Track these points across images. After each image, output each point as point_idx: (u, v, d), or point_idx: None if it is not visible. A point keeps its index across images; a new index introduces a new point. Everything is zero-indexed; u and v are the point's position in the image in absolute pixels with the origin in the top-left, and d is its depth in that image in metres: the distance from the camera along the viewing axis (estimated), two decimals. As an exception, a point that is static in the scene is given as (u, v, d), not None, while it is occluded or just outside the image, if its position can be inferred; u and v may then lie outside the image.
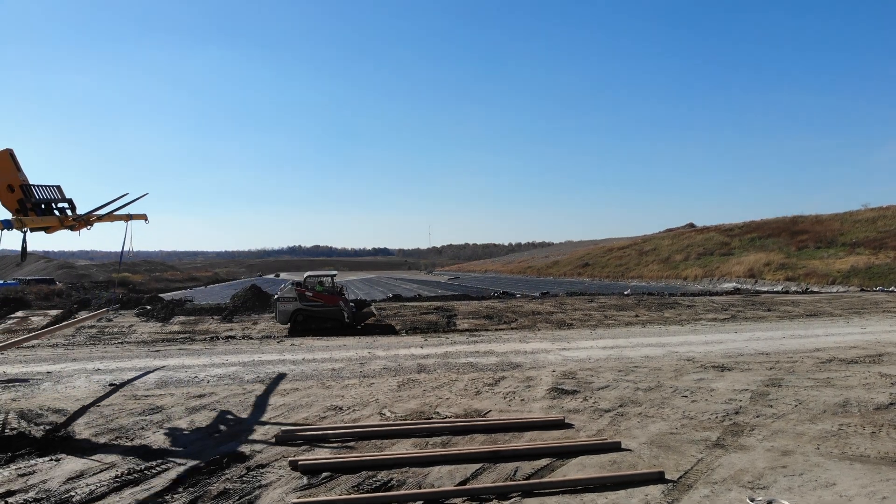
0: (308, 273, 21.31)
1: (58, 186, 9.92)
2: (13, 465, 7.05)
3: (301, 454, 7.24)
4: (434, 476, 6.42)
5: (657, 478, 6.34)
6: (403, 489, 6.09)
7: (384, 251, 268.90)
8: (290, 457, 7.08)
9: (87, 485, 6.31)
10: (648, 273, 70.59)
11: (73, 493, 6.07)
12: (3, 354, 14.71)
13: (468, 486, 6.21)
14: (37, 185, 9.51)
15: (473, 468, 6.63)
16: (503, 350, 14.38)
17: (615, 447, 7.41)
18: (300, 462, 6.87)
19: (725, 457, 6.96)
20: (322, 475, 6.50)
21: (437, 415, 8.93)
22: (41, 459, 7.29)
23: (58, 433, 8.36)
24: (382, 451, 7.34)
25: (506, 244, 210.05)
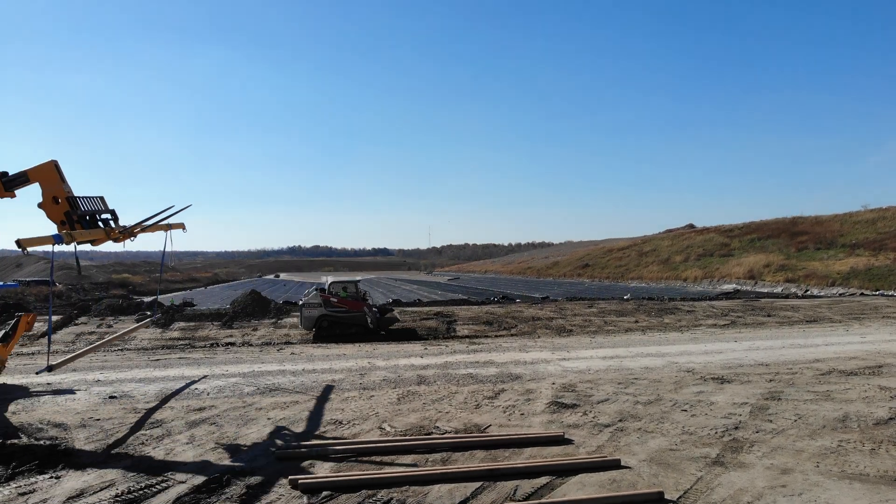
0: (332, 279, 21.49)
1: (101, 197, 9.90)
2: (13, 483, 7.06)
3: (301, 472, 7.25)
4: (434, 495, 6.44)
5: (657, 498, 6.36)
6: (403, 511, 6.10)
7: (384, 251, 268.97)
8: (291, 474, 7.09)
9: (88, 505, 6.33)
10: (648, 274, 70.63)
11: (74, 515, 6.09)
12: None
13: (468, 508, 6.23)
14: (81, 197, 9.48)
15: (473, 487, 6.64)
16: (503, 360, 14.40)
17: (615, 465, 7.42)
18: (300, 481, 6.88)
19: (725, 475, 6.97)
20: (322, 494, 6.51)
21: (437, 429, 8.94)
22: (41, 477, 7.30)
23: (58, 448, 8.37)
24: (382, 469, 7.36)
25: (505, 244, 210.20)
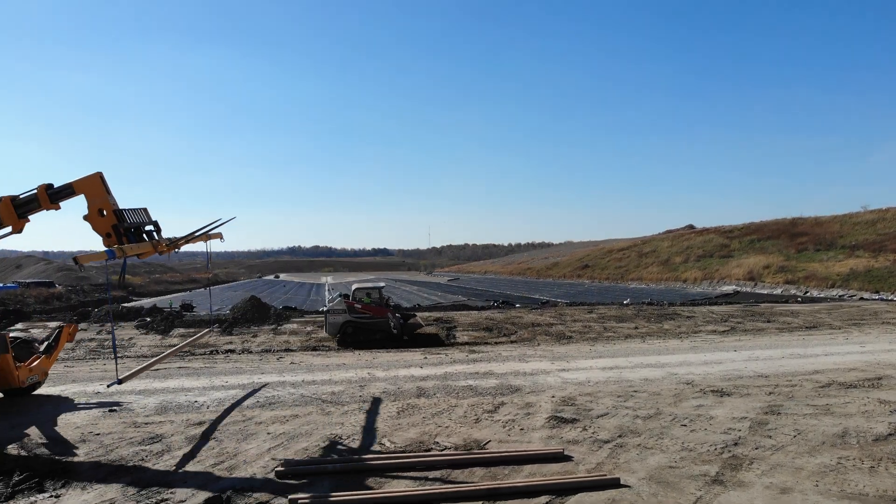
0: (356, 285, 21.62)
1: (144, 209, 9.91)
2: (13, 503, 7.07)
3: (301, 490, 7.26)
4: (434, 518, 6.44)
5: (656, 521, 6.37)
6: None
7: (384, 251, 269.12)
8: (291, 493, 7.11)
9: (88, 530, 6.33)
10: (648, 275, 70.63)
11: (74, 541, 6.08)
12: None
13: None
14: (126, 210, 9.48)
15: (473, 508, 6.65)
16: (502, 371, 14.40)
17: (614, 483, 7.43)
18: (299, 500, 6.90)
19: (724, 495, 6.98)
20: (322, 516, 6.52)
21: (437, 445, 8.94)
22: (41, 496, 7.32)
23: (58, 465, 8.38)
24: (383, 488, 7.36)
25: (505, 245, 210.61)
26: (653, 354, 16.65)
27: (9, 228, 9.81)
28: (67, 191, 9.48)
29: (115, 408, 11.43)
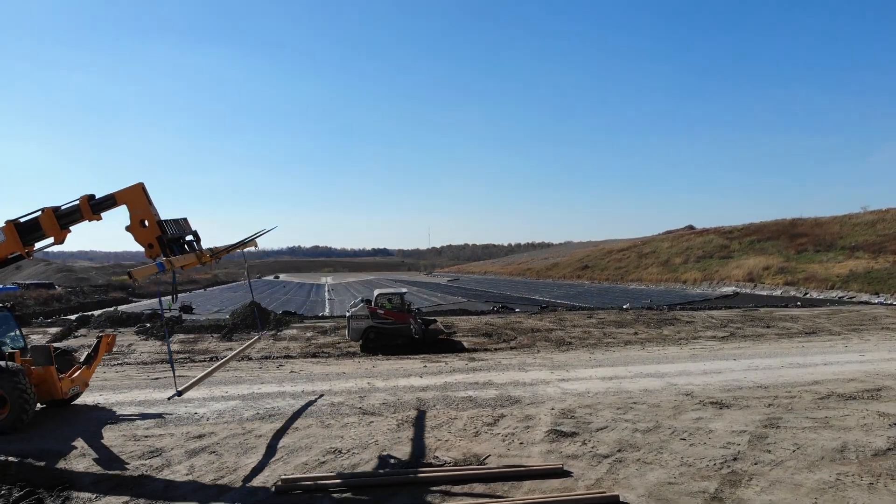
0: (378, 291, 21.80)
1: (185, 219, 9.94)
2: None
3: (300, 510, 7.27)
4: (433, 538, 6.44)
5: (655, 542, 6.38)
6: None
7: (384, 251, 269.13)
8: (290, 512, 7.12)
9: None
10: (648, 276, 70.63)
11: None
12: None
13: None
14: (167, 221, 9.50)
15: (472, 527, 6.65)
16: (502, 381, 14.39)
17: (613, 501, 7.44)
18: (299, 520, 6.91)
19: (723, 513, 6.98)
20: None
21: (437, 459, 8.95)
22: (41, 515, 7.32)
23: (58, 482, 8.37)
24: (381, 507, 7.37)
25: (505, 245, 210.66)
26: (652, 363, 16.65)
27: (51, 239, 9.86)
28: (109, 201, 9.49)
29: (113, 420, 11.43)
